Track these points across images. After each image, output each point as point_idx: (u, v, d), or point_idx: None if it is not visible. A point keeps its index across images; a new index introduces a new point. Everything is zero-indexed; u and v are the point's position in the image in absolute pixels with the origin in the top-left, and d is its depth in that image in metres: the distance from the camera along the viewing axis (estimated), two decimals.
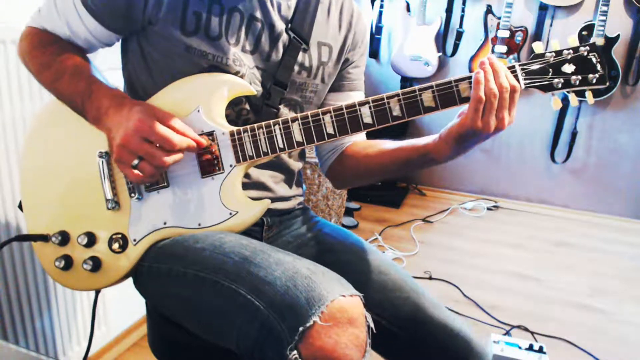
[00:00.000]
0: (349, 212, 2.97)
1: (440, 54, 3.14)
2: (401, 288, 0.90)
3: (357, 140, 1.03)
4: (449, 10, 3.11)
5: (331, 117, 0.82)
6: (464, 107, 0.80)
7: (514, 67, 0.81)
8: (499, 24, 2.93)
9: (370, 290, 0.86)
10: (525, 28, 2.94)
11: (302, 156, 1.05)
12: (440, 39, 3.16)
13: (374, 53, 3.38)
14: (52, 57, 0.86)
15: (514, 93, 0.78)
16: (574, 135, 3.04)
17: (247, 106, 0.90)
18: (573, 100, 0.84)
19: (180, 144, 0.77)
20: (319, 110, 0.83)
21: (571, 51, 0.81)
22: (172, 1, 0.82)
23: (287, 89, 0.91)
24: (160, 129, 0.76)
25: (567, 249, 2.72)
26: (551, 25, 2.95)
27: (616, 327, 2.00)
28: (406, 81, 3.27)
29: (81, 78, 0.84)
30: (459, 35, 3.12)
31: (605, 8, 2.70)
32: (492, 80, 0.77)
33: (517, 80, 0.80)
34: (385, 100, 0.81)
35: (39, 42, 0.88)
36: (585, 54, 0.80)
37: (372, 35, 3.31)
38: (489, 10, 2.99)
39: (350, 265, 0.92)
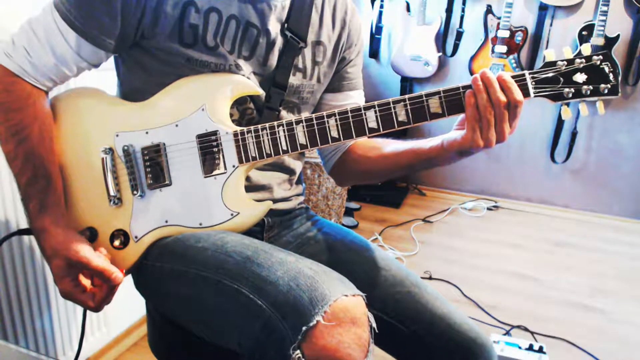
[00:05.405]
0: (349, 212, 2.97)
1: (440, 54, 3.13)
2: (402, 283, 0.90)
3: (360, 140, 1.03)
4: (449, 10, 3.11)
5: (336, 120, 0.81)
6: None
7: (523, 75, 0.78)
8: (499, 24, 2.93)
9: (371, 286, 0.87)
10: (525, 28, 2.94)
11: (301, 155, 1.05)
12: (440, 39, 3.16)
13: (374, 53, 3.37)
14: (9, 131, 0.79)
15: (516, 108, 0.76)
16: (574, 135, 3.04)
17: (251, 105, 0.90)
18: (583, 110, 0.82)
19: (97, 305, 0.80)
20: (324, 112, 0.82)
21: (584, 60, 0.78)
22: (169, 16, 0.79)
23: (286, 90, 0.91)
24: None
25: (567, 249, 2.72)
26: (551, 25, 2.95)
27: (616, 327, 2.00)
28: (406, 81, 3.26)
29: (25, 173, 0.79)
30: (459, 35, 3.12)
31: (605, 8, 2.70)
32: (485, 97, 0.76)
33: (527, 88, 0.78)
34: (392, 105, 0.80)
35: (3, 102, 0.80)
36: (598, 63, 0.78)
37: (372, 35, 3.31)
38: (489, 10, 2.99)
39: (351, 263, 0.93)
